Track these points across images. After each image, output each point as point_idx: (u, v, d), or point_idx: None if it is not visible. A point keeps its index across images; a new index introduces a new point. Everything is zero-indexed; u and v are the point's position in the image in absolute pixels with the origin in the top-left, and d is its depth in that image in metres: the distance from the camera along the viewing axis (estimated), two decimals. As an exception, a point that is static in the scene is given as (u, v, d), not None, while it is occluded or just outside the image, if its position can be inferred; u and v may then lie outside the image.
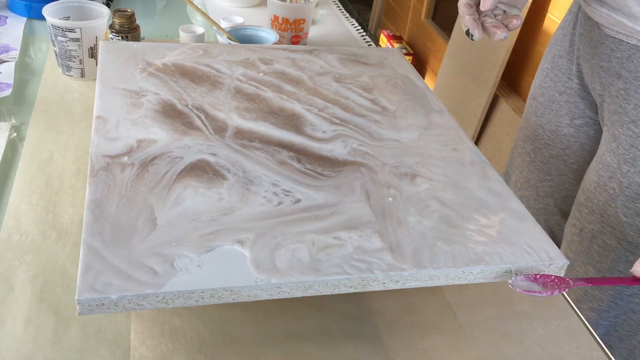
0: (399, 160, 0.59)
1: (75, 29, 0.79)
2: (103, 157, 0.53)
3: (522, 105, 1.76)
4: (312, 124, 0.63)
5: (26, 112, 0.74)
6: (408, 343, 0.52)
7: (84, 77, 0.83)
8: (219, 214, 0.48)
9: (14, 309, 0.49)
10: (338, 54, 0.80)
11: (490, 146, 1.81)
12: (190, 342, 0.49)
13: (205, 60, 0.72)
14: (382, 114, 0.67)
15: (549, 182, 0.85)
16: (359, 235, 0.48)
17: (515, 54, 1.74)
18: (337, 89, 0.71)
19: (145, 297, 0.41)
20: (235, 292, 0.43)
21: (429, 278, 0.47)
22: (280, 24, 0.97)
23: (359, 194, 0.53)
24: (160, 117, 0.60)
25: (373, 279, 0.45)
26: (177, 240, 0.45)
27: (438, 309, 0.56)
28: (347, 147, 0.60)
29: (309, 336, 0.51)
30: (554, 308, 0.58)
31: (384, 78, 0.76)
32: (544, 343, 0.54)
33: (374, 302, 0.55)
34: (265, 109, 0.64)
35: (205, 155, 0.55)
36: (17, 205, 0.60)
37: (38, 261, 0.54)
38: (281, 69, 0.73)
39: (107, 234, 0.45)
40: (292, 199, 0.51)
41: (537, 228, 0.53)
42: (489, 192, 0.57)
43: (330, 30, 1.12)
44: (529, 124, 0.86)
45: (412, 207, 0.53)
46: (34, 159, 0.66)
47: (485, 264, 0.48)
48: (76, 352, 0.46)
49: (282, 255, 0.45)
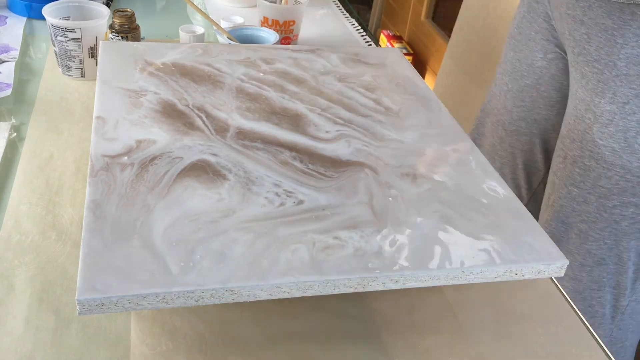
0: (401, 160, 0.59)
1: (75, 29, 0.79)
2: (103, 157, 0.53)
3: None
4: (316, 124, 0.63)
5: (26, 112, 0.74)
6: (408, 343, 0.52)
7: (84, 77, 0.83)
8: (219, 215, 0.48)
9: (14, 309, 0.49)
10: (339, 54, 0.80)
11: (490, 146, 1.81)
12: (190, 341, 0.49)
13: (205, 60, 0.72)
14: (386, 114, 0.67)
15: (522, 108, 0.99)
16: (359, 236, 0.48)
17: (515, 54, 1.74)
18: (340, 88, 0.71)
19: (145, 297, 0.41)
20: (235, 292, 0.43)
21: (429, 278, 0.47)
22: (270, 26, 0.97)
23: (362, 195, 0.53)
24: (161, 117, 0.60)
25: (373, 278, 0.45)
26: (177, 240, 0.45)
27: (438, 309, 0.56)
28: (350, 147, 0.60)
29: (309, 336, 0.51)
30: (554, 308, 0.58)
31: (386, 78, 0.76)
32: (544, 343, 0.54)
33: (374, 302, 0.55)
34: (268, 109, 0.64)
35: (205, 156, 0.55)
36: (17, 205, 0.60)
37: (38, 261, 0.54)
38: (283, 69, 0.73)
39: (107, 234, 0.45)
40: (295, 200, 0.51)
41: (537, 228, 0.53)
42: (489, 192, 0.57)
43: (330, 30, 1.11)
44: (507, 59, 1.01)
45: (412, 207, 0.53)
46: (34, 159, 0.66)
47: (486, 264, 0.48)
48: (76, 352, 0.46)
49: (282, 255, 0.45)
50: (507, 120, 1.02)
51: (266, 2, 0.96)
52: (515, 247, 0.50)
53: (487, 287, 0.59)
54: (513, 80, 0.99)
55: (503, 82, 1.02)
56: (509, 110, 1.01)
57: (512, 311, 0.57)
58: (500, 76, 1.03)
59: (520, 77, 0.98)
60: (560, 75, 0.93)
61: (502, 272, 0.49)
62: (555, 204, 0.89)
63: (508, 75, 1.00)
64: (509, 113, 1.01)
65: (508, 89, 1.00)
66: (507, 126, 1.02)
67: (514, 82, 0.99)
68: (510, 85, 1.00)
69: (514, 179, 1.06)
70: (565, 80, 0.93)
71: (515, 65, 0.98)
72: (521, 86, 0.98)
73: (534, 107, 0.98)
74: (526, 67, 0.96)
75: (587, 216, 0.84)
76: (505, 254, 0.49)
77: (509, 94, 1.00)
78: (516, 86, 0.99)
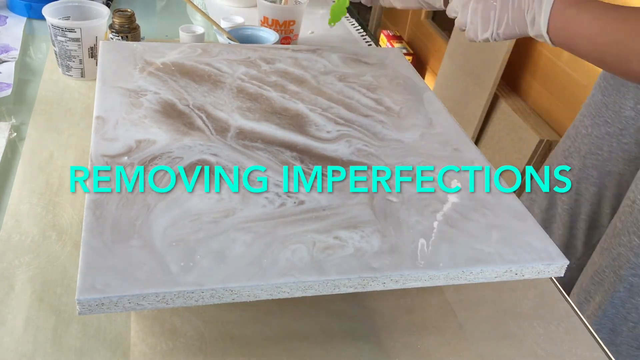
0: (401, 160, 0.59)
1: (75, 29, 0.79)
2: (103, 157, 0.53)
3: (522, 105, 1.76)
4: (317, 124, 0.63)
5: (26, 112, 0.74)
6: (408, 343, 0.52)
7: (83, 77, 0.83)
8: (219, 215, 0.48)
9: (14, 309, 0.49)
10: (340, 53, 0.80)
11: (490, 146, 1.81)
12: (190, 340, 0.49)
13: (205, 59, 0.72)
14: (387, 114, 0.67)
15: (597, 156, 0.93)
16: (360, 236, 0.48)
17: (515, 54, 1.74)
18: (341, 88, 0.71)
19: (145, 297, 0.41)
20: (235, 292, 0.43)
21: (429, 278, 0.47)
22: (270, 26, 0.97)
23: (362, 195, 0.53)
24: (161, 117, 0.60)
25: (373, 278, 0.45)
26: (177, 240, 0.45)
27: (438, 309, 0.56)
28: (351, 147, 0.60)
29: (309, 336, 0.51)
30: (554, 308, 0.58)
31: (386, 78, 0.76)
32: (544, 343, 0.54)
33: (374, 302, 0.55)
34: (269, 109, 0.64)
35: (206, 156, 0.55)
36: (17, 205, 0.60)
37: (38, 261, 0.54)
38: (284, 68, 0.73)
39: (107, 234, 0.45)
40: (295, 200, 0.51)
41: (537, 228, 0.53)
42: (489, 192, 0.57)
43: (330, 30, 1.11)
44: (594, 101, 0.94)
45: (412, 207, 0.53)
46: (34, 158, 0.66)
47: (485, 264, 0.48)
48: (76, 352, 0.46)
49: (282, 255, 0.45)
50: (579, 165, 0.96)
51: (266, 2, 0.96)
52: (515, 247, 0.50)
53: (487, 287, 0.59)
54: (595, 125, 0.93)
55: (583, 125, 0.96)
56: (583, 156, 0.95)
57: (512, 311, 0.57)
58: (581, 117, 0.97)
59: (604, 123, 0.92)
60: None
61: (502, 272, 0.49)
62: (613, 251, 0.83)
63: (590, 119, 0.94)
64: (582, 158, 0.95)
65: (587, 133, 0.94)
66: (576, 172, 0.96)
67: (596, 127, 0.93)
68: (590, 129, 0.94)
69: (572, 228, 1.00)
70: None
71: (600, 109, 0.92)
72: (602, 133, 0.92)
73: (611, 158, 0.92)
74: (612, 114, 0.90)
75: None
76: (505, 254, 0.49)
77: (587, 138, 0.94)
78: (596, 132, 0.93)
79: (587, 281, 0.88)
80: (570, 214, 0.99)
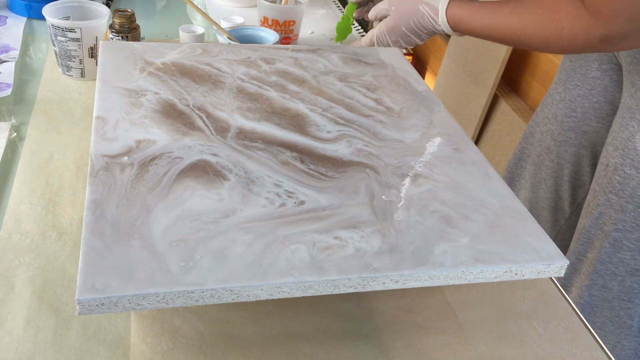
0: (402, 160, 0.59)
1: (75, 29, 0.79)
2: (103, 157, 0.53)
3: (522, 105, 1.76)
4: (317, 124, 0.63)
5: (26, 112, 0.74)
6: (408, 343, 0.52)
7: (84, 77, 0.83)
8: (219, 215, 0.48)
9: (14, 309, 0.49)
10: (340, 53, 0.80)
11: (490, 146, 1.81)
12: (190, 340, 0.49)
13: (205, 59, 0.72)
14: (387, 114, 0.67)
15: (573, 118, 0.99)
16: (360, 236, 0.48)
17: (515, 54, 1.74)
18: (341, 88, 0.71)
19: (145, 297, 0.41)
20: (235, 292, 0.43)
21: (429, 278, 0.47)
22: (270, 26, 0.97)
23: (363, 195, 0.53)
24: (161, 117, 0.60)
25: (373, 278, 0.45)
26: (177, 240, 0.45)
27: (438, 309, 0.56)
28: (351, 148, 0.60)
29: (309, 336, 0.51)
30: (554, 308, 0.58)
31: (386, 78, 0.76)
32: (544, 343, 0.54)
33: (374, 302, 0.55)
34: (269, 109, 0.64)
35: (206, 156, 0.55)
36: (17, 205, 0.60)
37: (38, 261, 0.54)
38: (284, 68, 0.73)
39: (107, 234, 0.45)
40: (296, 201, 0.51)
41: (537, 228, 0.53)
42: (489, 192, 0.57)
43: (331, 31, 1.11)
44: (564, 69, 1.01)
45: (412, 207, 0.53)
46: (34, 158, 0.66)
47: (485, 264, 0.48)
48: (76, 352, 0.46)
49: (282, 255, 0.45)
50: (557, 129, 1.02)
51: (266, 2, 0.96)
52: (515, 247, 0.50)
53: (487, 287, 0.59)
54: (566, 89, 1.00)
55: (556, 91, 1.02)
56: (560, 120, 1.01)
57: (512, 311, 0.57)
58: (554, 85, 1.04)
59: (574, 86, 0.98)
60: (614, 88, 0.94)
61: (502, 272, 0.49)
62: (594, 211, 0.89)
63: (562, 85, 1.01)
64: (559, 123, 1.01)
65: (561, 98, 1.01)
66: (556, 136, 1.03)
67: (567, 91, 0.99)
68: (563, 94, 1.00)
69: (558, 190, 1.05)
70: (618, 93, 0.93)
71: (569, 74, 0.99)
72: (573, 96, 0.98)
73: (584, 118, 0.98)
74: (580, 76, 0.97)
75: (622, 225, 0.84)
76: (506, 254, 0.49)
77: (561, 103, 1.01)
78: (569, 96, 0.99)
79: (576, 242, 0.93)
80: (554, 177, 1.04)
